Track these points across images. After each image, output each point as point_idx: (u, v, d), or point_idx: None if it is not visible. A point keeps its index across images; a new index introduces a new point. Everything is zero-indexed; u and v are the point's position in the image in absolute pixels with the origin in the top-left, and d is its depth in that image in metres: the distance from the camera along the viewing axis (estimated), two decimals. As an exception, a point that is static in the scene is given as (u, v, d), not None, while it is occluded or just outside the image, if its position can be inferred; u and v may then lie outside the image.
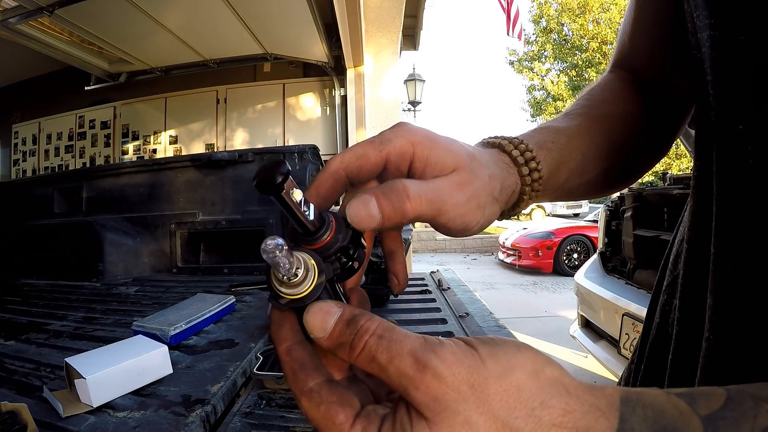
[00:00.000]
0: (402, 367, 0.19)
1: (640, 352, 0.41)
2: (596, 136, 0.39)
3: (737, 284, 0.25)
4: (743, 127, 0.24)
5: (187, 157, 2.56)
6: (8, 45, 3.31)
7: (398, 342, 0.20)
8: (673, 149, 10.79)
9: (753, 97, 0.24)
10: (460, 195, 0.27)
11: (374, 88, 4.37)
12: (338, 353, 0.21)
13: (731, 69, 0.25)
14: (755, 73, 0.23)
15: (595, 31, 11.79)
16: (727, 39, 0.25)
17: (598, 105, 0.42)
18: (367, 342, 0.20)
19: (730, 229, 0.26)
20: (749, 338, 0.25)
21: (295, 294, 0.23)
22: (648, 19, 0.43)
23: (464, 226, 0.28)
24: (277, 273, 0.23)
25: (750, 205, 0.24)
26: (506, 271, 7.63)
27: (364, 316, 0.21)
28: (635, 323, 2.06)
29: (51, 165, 5.20)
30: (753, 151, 0.24)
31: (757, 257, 0.24)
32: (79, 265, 2.04)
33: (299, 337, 0.24)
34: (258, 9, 3.28)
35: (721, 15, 0.25)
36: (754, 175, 0.24)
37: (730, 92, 0.25)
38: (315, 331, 0.22)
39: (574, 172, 0.38)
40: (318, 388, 0.22)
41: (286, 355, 0.24)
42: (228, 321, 1.27)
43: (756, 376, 0.24)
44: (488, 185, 0.29)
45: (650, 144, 0.45)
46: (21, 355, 1.02)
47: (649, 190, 2.48)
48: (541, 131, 0.37)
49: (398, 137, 0.28)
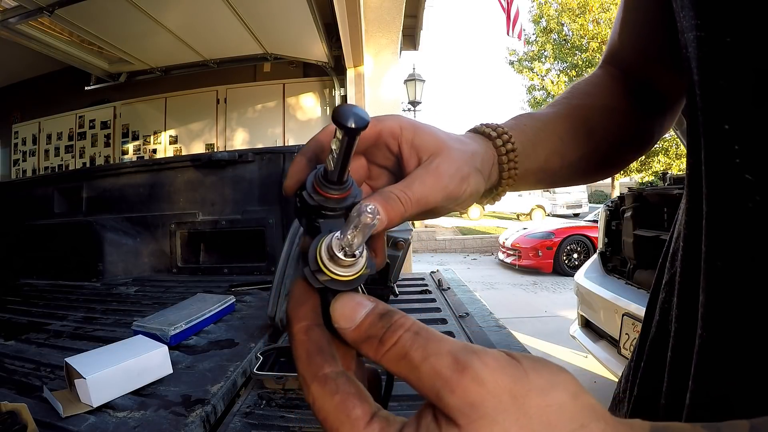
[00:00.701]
0: (438, 366, 0.18)
1: (640, 349, 0.41)
2: (574, 121, 0.41)
3: (727, 281, 0.25)
4: (729, 127, 0.24)
5: (187, 157, 2.56)
6: (8, 45, 3.31)
7: (436, 341, 0.18)
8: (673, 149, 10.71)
9: (742, 98, 0.24)
10: (444, 178, 0.30)
11: (374, 88, 4.37)
12: (363, 347, 0.20)
13: (718, 70, 0.25)
14: (748, 74, 0.23)
15: (595, 31, 11.79)
16: (714, 40, 0.25)
17: (578, 95, 0.44)
18: (401, 337, 0.19)
19: (719, 227, 0.26)
20: (740, 335, 0.25)
21: (342, 275, 0.22)
22: (637, 17, 0.43)
23: (453, 198, 0.31)
24: (335, 245, 0.21)
25: (737, 204, 0.24)
26: (506, 271, 7.63)
27: (398, 312, 0.20)
28: (635, 323, 2.06)
29: (51, 165, 5.19)
30: (740, 151, 0.24)
31: (746, 254, 0.24)
32: (79, 265, 2.04)
33: (318, 321, 0.22)
34: (258, 9, 3.28)
35: (707, 16, 0.25)
36: (742, 174, 0.24)
37: (717, 92, 0.25)
38: (341, 321, 0.21)
39: (553, 154, 0.39)
40: (335, 376, 0.20)
41: (303, 333, 0.22)
42: (228, 321, 1.27)
43: (747, 373, 0.24)
44: (470, 159, 0.32)
45: (634, 138, 0.45)
46: (21, 355, 1.02)
47: (649, 190, 2.48)
48: (517, 117, 0.39)
49: (388, 119, 0.31)
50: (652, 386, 0.37)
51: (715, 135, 0.26)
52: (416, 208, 0.28)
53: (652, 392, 0.37)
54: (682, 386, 0.29)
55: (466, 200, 0.32)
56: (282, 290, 1.16)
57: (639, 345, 0.42)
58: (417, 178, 0.29)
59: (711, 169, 0.26)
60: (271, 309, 1.14)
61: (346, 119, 0.21)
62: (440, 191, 0.29)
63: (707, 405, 0.26)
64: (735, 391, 0.25)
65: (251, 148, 2.64)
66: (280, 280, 1.17)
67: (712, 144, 0.26)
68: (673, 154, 10.66)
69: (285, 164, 2.06)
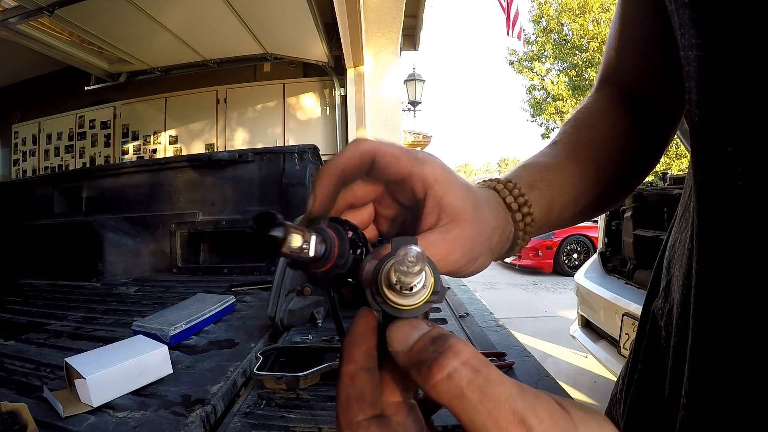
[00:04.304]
0: (496, 415, 0.17)
1: (636, 350, 0.42)
2: (582, 162, 0.39)
3: (718, 283, 0.26)
4: (732, 149, 0.24)
5: (187, 157, 2.56)
6: (8, 45, 3.31)
7: (496, 384, 0.17)
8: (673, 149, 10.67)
9: (744, 120, 0.23)
10: (458, 251, 0.29)
11: (374, 88, 4.37)
12: (412, 373, 0.19)
13: (719, 90, 0.24)
14: (748, 94, 0.23)
15: (595, 31, 11.78)
16: (715, 60, 0.24)
17: (584, 131, 0.42)
18: (457, 371, 0.18)
19: (716, 242, 0.26)
20: (732, 332, 0.25)
21: (404, 305, 0.21)
22: (635, 32, 0.42)
23: (456, 272, 0.30)
24: (398, 282, 0.21)
25: (737, 224, 0.24)
26: (506, 271, 7.63)
27: (453, 337, 0.19)
28: (635, 323, 2.06)
29: (51, 165, 5.19)
30: (742, 174, 0.23)
31: (736, 265, 0.25)
32: (79, 265, 2.04)
33: (370, 364, 0.22)
34: (258, 9, 3.28)
35: (709, 34, 0.24)
36: (743, 197, 0.23)
37: (718, 113, 0.25)
38: (395, 344, 0.20)
39: (567, 205, 0.38)
40: (367, 424, 0.20)
41: (348, 378, 0.22)
42: (228, 321, 1.27)
43: (744, 369, 0.25)
44: (487, 239, 0.31)
45: (641, 159, 0.44)
46: (21, 355, 1.02)
47: (649, 190, 2.48)
48: (530, 169, 0.38)
49: (428, 163, 0.29)
50: (649, 387, 0.37)
51: (715, 157, 0.25)
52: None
53: (649, 393, 0.37)
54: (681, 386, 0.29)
55: (460, 276, 0.31)
56: (282, 290, 1.16)
57: (635, 346, 0.43)
58: (430, 244, 0.28)
59: (710, 191, 0.26)
60: (271, 309, 1.14)
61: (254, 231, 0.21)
62: (448, 264, 0.29)
63: (705, 403, 0.26)
64: (734, 388, 0.25)
65: (251, 148, 2.64)
66: (280, 280, 1.17)
67: (712, 165, 0.25)
68: (673, 154, 10.66)
69: (285, 164, 2.06)
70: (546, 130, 13.55)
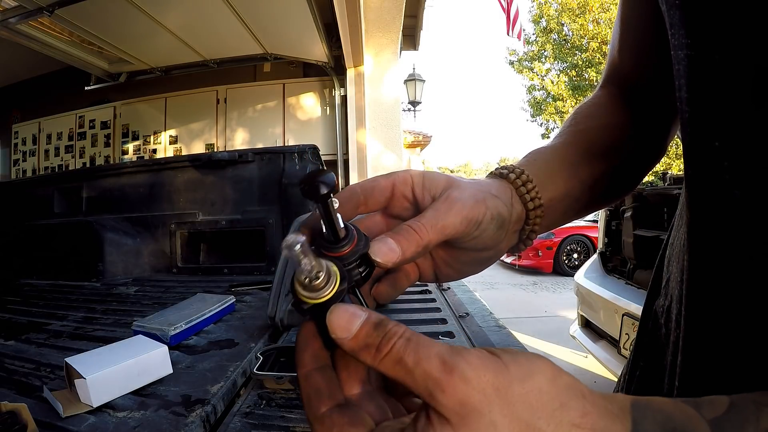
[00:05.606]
0: (429, 369, 0.19)
1: (636, 349, 0.42)
2: (580, 146, 0.42)
3: (708, 279, 0.27)
4: (719, 144, 0.25)
5: (187, 157, 2.56)
6: (8, 45, 3.31)
7: (426, 346, 0.20)
8: (672, 149, 10.69)
9: (732, 117, 0.24)
10: (458, 202, 0.31)
11: (374, 88, 4.38)
12: (361, 355, 0.22)
13: (707, 88, 0.25)
14: (737, 93, 0.24)
15: (595, 31, 11.78)
16: (703, 59, 0.25)
17: (581, 120, 0.44)
18: (395, 344, 0.20)
19: (704, 235, 0.27)
20: (721, 331, 0.26)
21: (316, 298, 0.24)
22: (634, 34, 0.44)
23: (473, 221, 0.31)
24: (300, 275, 0.23)
25: (726, 218, 0.25)
26: (506, 271, 7.63)
27: (390, 321, 0.22)
28: (635, 323, 2.06)
29: (51, 165, 5.20)
30: (729, 168, 0.24)
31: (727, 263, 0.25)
32: (79, 265, 2.04)
33: (319, 363, 0.25)
34: (258, 9, 3.29)
35: (697, 35, 0.25)
36: (731, 191, 0.24)
37: (706, 109, 0.26)
38: (338, 332, 0.22)
39: (571, 179, 0.39)
40: (329, 412, 0.23)
41: (304, 380, 0.24)
42: (228, 321, 1.27)
43: (736, 367, 0.25)
44: (484, 187, 0.33)
45: (642, 149, 0.45)
46: (21, 355, 1.02)
47: (649, 190, 2.48)
48: (526, 155, 0.41)
49: (399, 172, 0.33)
50: (650, 383, 0.37)
51: (704, 151, 0.26)
52: (434, 234, 0.29)
53: (650, 389, 0.37)
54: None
55: (489, 225, 0.32)
56: (282, 290, 1.16)
57: (636, 344, 0.43)
58: (430, 208, 0.31)
59: (699, 185, 0.27)
60: (271, 309, 1.14)
61: (316, 189, 0.23)
62: (455, 215, 0.30)
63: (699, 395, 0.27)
64: (725, 380, 0.25)
65: (251, 148, 2.64)
66: (280, 280, 1.17)
67: (701, 159, 0.26)
68: (673, 154, 10.66)
69: (285, 164, 2.06)
70: (546, 130, 13.55)
